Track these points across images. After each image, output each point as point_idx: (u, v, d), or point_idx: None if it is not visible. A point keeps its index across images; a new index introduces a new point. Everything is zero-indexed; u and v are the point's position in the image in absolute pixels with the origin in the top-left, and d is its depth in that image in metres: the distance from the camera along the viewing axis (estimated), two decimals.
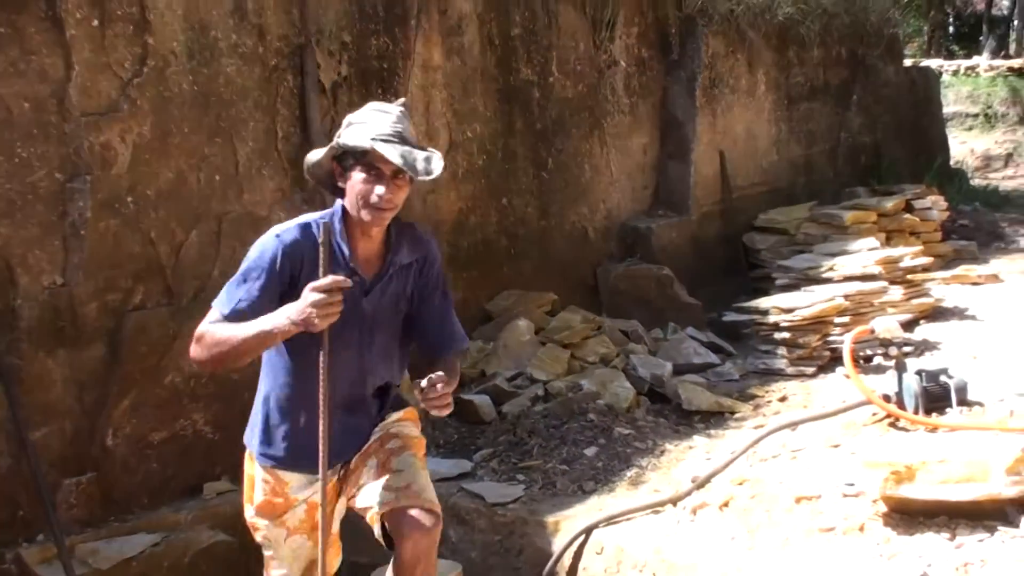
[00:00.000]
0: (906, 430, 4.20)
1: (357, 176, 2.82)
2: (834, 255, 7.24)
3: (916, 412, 4.18)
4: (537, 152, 6.56)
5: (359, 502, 3.01)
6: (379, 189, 2.79)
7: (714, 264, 7.88)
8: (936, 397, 4.24)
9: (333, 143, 2.88)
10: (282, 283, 2.85)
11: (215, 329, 2.83)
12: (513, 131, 6.26)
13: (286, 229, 2.89)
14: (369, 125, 2.81)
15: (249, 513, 3.15)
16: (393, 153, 2.75)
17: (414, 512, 2.92)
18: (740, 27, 8.28)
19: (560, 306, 6.41)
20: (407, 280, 3.03)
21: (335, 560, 3.24)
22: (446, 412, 2.85)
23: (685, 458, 4.64)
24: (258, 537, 3.15)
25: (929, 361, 5.71)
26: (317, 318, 2.66)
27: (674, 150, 7.72)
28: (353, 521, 3.17)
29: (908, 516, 3.49)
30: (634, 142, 7.47)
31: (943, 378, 4.30)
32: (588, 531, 4.06)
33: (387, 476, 2.98)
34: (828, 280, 6.91)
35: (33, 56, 3.89)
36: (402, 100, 2.99)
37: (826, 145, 10.00)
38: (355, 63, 5.19)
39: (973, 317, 6.89)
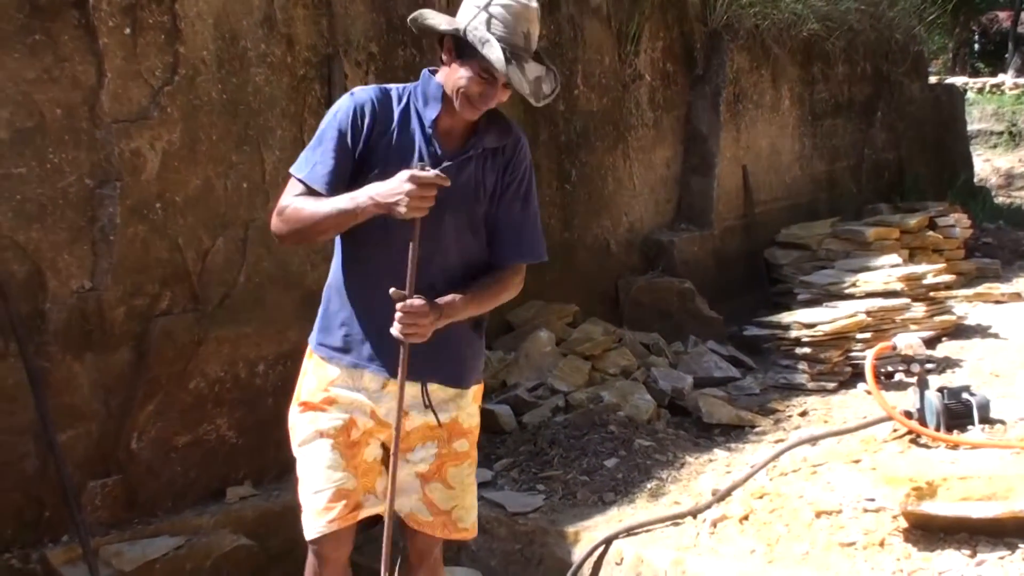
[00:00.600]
0: (927, 447, 4.19)
1: (466, 71, 2.65)
2: (856, 271, 7.24)
3: (937, 429, 4.17)
4: (561, 164, 6.58)
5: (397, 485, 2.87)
6: (488, 92, 2.66)
7: (736, 278, 7.89)
8: (958, 414, 4.24)
9: (458, 27, 2.65)
10: (355, 140, 2.71)
11: (297, 203, 2.68)
12: (537, 143, 6.29)
13: (363, 88, 2.78)
14: (502, 24, 2.61)
15: (292, 414, 2.91)
16: (520, 80, 2.61)
17: (438, 535, 2.93)
18: (765, 42, 8.31)
19: (581, 318, 6.43)
20: (489, 168, 2.81)
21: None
22: (410, 339, 2.64)
23: (705, 471, 4.65)
24: (293, 442, 2.90)
25: (951, 378, 5.70)
26: (404, 206, 2.53)
27: (697, 164, 7.74)
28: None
29: (929, 532, 3.49)
30: (657, 156, 7.50)
31: (965, 396, 4.30)
32: (608, 542, 4.07)
33: (437, 486, 2.89)
34: (850, 296, 6.91)
35: (66, 63, 3.94)
36: None
37: (849, 161, 10.01)
38: (382, 74, 5.23)
39: (996, 335, 6.87)
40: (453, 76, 2.68)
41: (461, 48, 2.67)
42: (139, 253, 4.18)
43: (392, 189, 2.54)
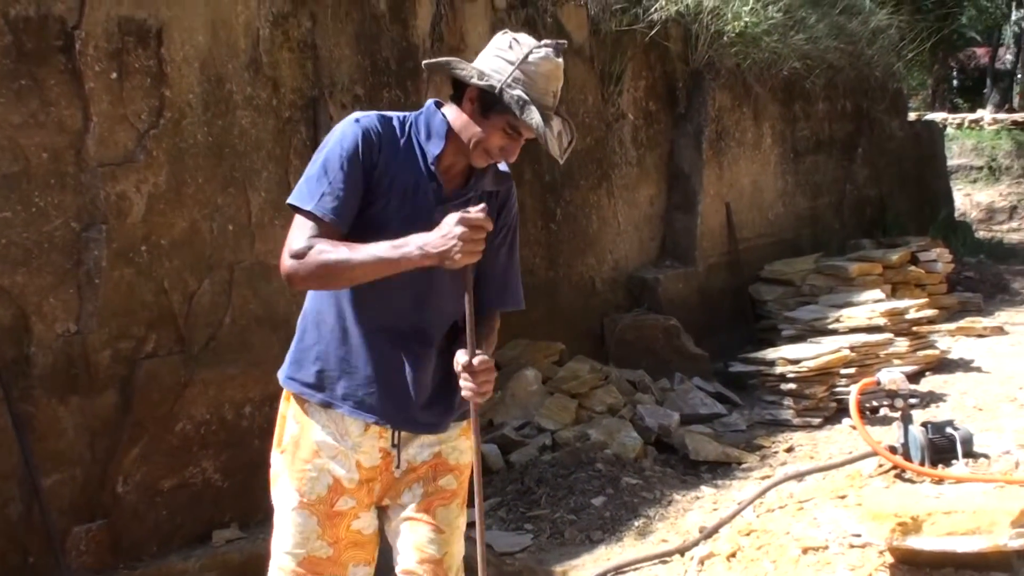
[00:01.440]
0: (912, 481, 4.20)
1: (491, 124, 2.57)
2: (840, 307, 7.29)
3: (922, 464, 4.19)
4: (546, 203, 6.63)
5: (389, 531, 2.78)
6: (509, 147, 2.59)
7: (720, 315, 7.92)
8: (942, 449, 4.26)
9: (493, 84, 2.54)
10: (364, 170, 2.55)
11: (322, 248, 2.48)
12: (522, 182, 6.33)
13: (365, 115, 2.62)
14: (535, 83, 2.55)
15: (273, 458, 2.77)
16: (554, 144, 2.54)
17: None
18: (746, 81, 8.39)
19: (568, 356, 6.44)
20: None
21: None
22: (485, 399, 2.58)
23: (692, 508, 4.65)
24: (272, 488, 2.76)
25: (935, 413, 5.73)
26: (460, 253, 2.39)
27: (681, 202, 7.79)
28: None
29: (914, 567, 3.50)
30: (641, 194, 7.55)
31: (949, 430, 4.32)
32: None
33: (426, 530, 2.73)
34: (834, 331, 6.94)
35: (52, 107, 3.97)
36: (559, 43, 2.64)
37: (831, 198, 10.08)
38: None
39: (978, 369, 6.92)
40: (473, 127, 2.59)
41: (489, 102, 2.57)
42: (125, 296, 4.19)
43: (445, 235, 2.40)
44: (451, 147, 2.63)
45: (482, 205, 2.46)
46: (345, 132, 2.58)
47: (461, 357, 2.56)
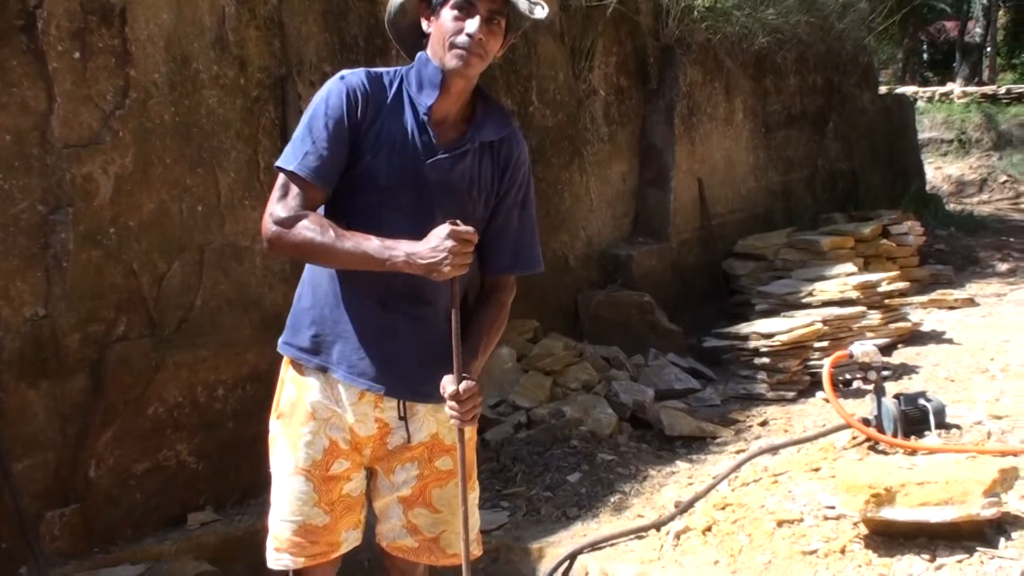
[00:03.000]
0: (885, 453, 4.25)
1: (446, 14, 2.48)
2: (812, 280, 7.31)
3: (895, 435, 4.23)
4: None
5: (378, 510, 2.78)
6: (470, 26, 2.45)
7: (694, 290, 7.93)
8: (915, 420, 4.30)
9: None
10: (350, 125, 2.50)
11: (311, 226, 2.45)
12: None
13: (351, 72, 2.56)
14: None
15: (271, 425, 2.74)
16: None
17: (423, 562, 2.80)
18: (718, 56, 8.39)
19: (542, 333, 6.44)
20: (487, 165, 2.64)
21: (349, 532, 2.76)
22: (471, 424, 2.54)
23: (668, 483, 4.67)
24: (271, 457, 2.73)
25: (907, 385, 5.77)
26: (449, 266, 2.38)
27: (653, 178, 7.79)
28: None
29: (889, 538, 3.53)
30: (613, 170, 7.54)
31: (921, 401, 4.37)
32: (572, 557, 4.07)
33: (422, 511, 2.73)
34: (807, 305, 6.97)
35: (15, 88, 3.91)
36: None
37: (804, 172, 10.11)
38: None
39: (950, 341, 6.96)
40: (436, 33, 2.51)
41: (434, 2, 2.52)
42: (93, 279, 4.14)
43: (434, 248, 2.38)
44: (445, 97, 2.55)
45: (470, 230, 2.41)
46: (330, 91, 2.54)
47: (448, 383, 2.50)
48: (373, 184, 2.54)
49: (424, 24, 2.57)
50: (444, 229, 2.39)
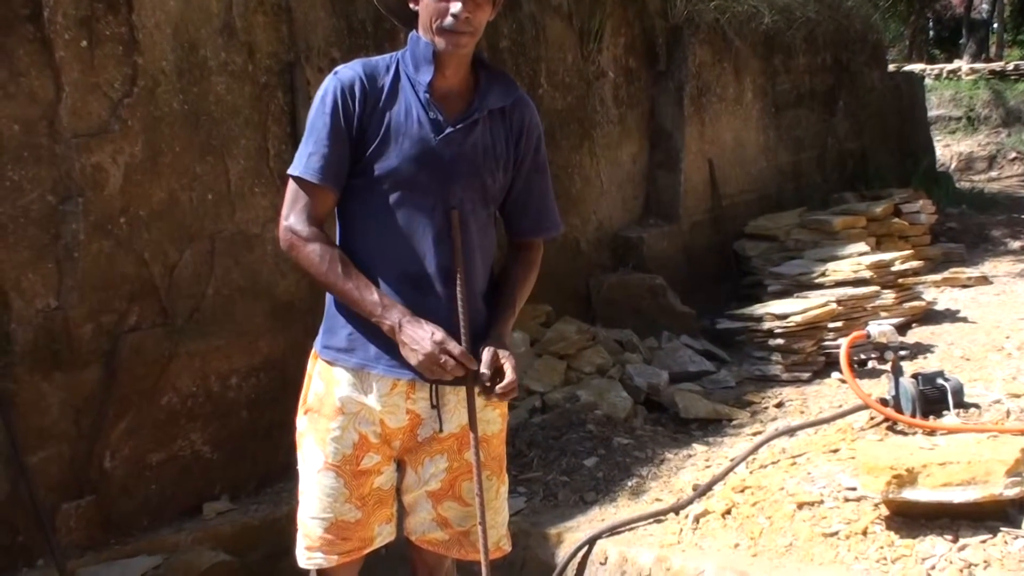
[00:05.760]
0: (904, 433, 4.21)
1: None
2: (825, 260, 7.27)
3: (913, 415, 4.19)
4: None
5: (407, 504, 2.75)
6: (454, 7, 2.44)
7: (706, 272, 7.89)
8: (933, 400, 4.26)
9: None
10: (348, 122, 2.51)
11: (321, 254, 2.49)
12: None
13: (345, 66, 2.57)
14: None
15: (299, 420, 2.70)
16: None
17: (453, 555, 2.76)
18: (726, 36, 8.32)
19: (554, 317, 6.41)
20: (499, 132, 2.63)
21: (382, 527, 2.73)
22: (511, 397, 2.55)
23: (685, 466, 4.64)
24: (298, 453, 2.70)
25: (923, 364, 5.73)
26: (424, 368, 2.44)
27: (663, 159, 7.74)
28: None
29: (910, 519, 3.50)
30: (623, 152, 7.49)
31: (939, 381, 4.32)
32: (591, 542, 4.05)
33: (452, 504, 2.69)
34: (820, 286, 6.94)
35: (22, 78, 3.88)
36: None
37: (814, 151, 10.05)
38: None
39: (964, 319, 6.92)
40: (423, 13, 2.51)
41: None
42: (105, 269, 4.12)
43: (420, 342, 2.43)
44: (443, 72, 2.55)
45: (463, 355, 2.45)
46: (326, 89, 2.54)
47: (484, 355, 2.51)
48: (387, 169, 2.53)
49: (411, 3, 2.57)
50: (440, 335, 2.43)
